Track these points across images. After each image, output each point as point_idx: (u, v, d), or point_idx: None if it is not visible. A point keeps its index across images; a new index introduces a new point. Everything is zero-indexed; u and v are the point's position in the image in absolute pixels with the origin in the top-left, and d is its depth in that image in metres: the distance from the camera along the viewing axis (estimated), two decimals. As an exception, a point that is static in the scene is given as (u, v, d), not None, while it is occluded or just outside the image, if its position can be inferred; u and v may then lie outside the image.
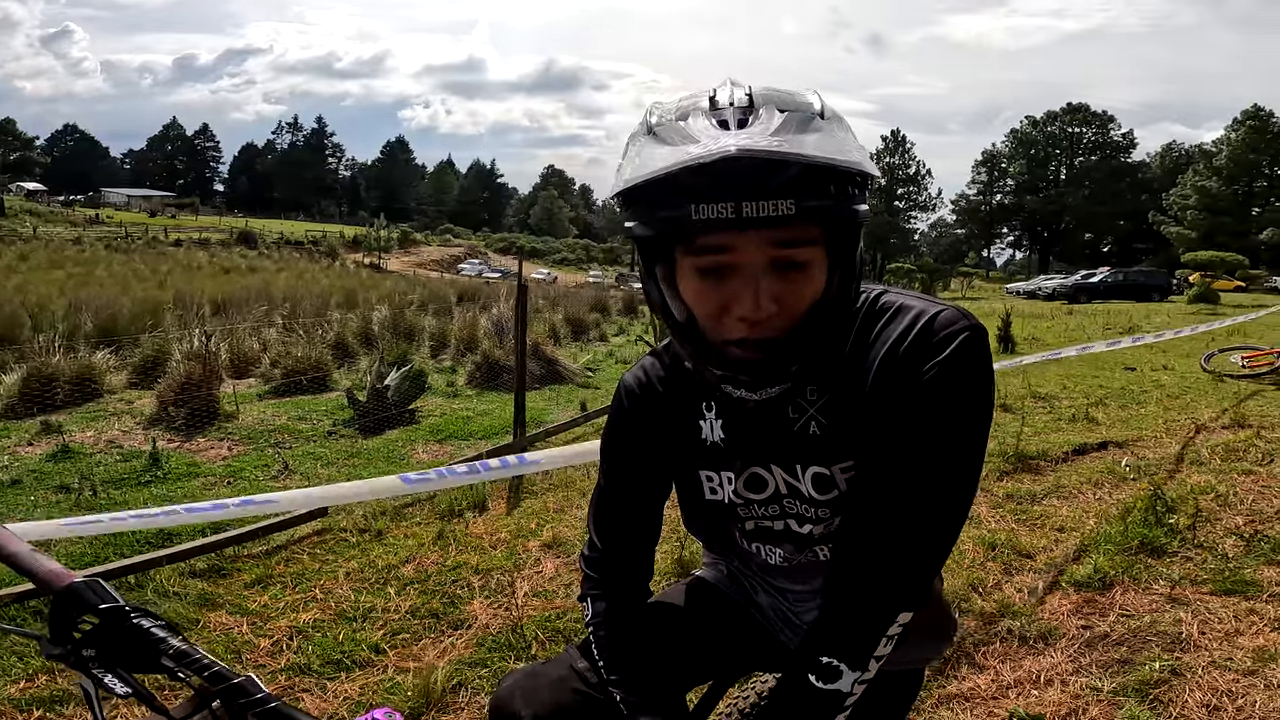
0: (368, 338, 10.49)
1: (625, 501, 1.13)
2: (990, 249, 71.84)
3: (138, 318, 10.81)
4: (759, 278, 0.82)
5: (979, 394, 0.88)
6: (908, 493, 0.87)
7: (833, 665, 0.85)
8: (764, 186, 0.76)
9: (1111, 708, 2.18)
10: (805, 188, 0.77)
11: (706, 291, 0.85)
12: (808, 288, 0.85)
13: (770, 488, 1.01)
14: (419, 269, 41.28)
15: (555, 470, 4.90)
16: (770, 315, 0.83)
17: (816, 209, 0.78)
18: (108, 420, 6.09)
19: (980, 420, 0.88)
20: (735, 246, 0.81)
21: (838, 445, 0.95)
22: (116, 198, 71.08)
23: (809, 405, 0.96)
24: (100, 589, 0.75)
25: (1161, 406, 6.18)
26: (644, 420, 1.09)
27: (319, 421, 6.31)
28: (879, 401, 0.90)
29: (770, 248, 0.81)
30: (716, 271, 0.84)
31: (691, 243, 0.83)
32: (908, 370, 0.88)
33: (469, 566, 3.30)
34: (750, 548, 1.08)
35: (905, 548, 0.87)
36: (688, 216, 0.78)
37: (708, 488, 1.06)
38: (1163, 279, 29.08)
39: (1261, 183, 47.95)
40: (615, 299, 21.39)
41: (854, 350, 0.93)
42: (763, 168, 0.76)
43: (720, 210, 0.77)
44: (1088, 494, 4.01)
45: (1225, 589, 2.83)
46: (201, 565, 3.32)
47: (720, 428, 1.03)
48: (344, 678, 2.48)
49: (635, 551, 1.15)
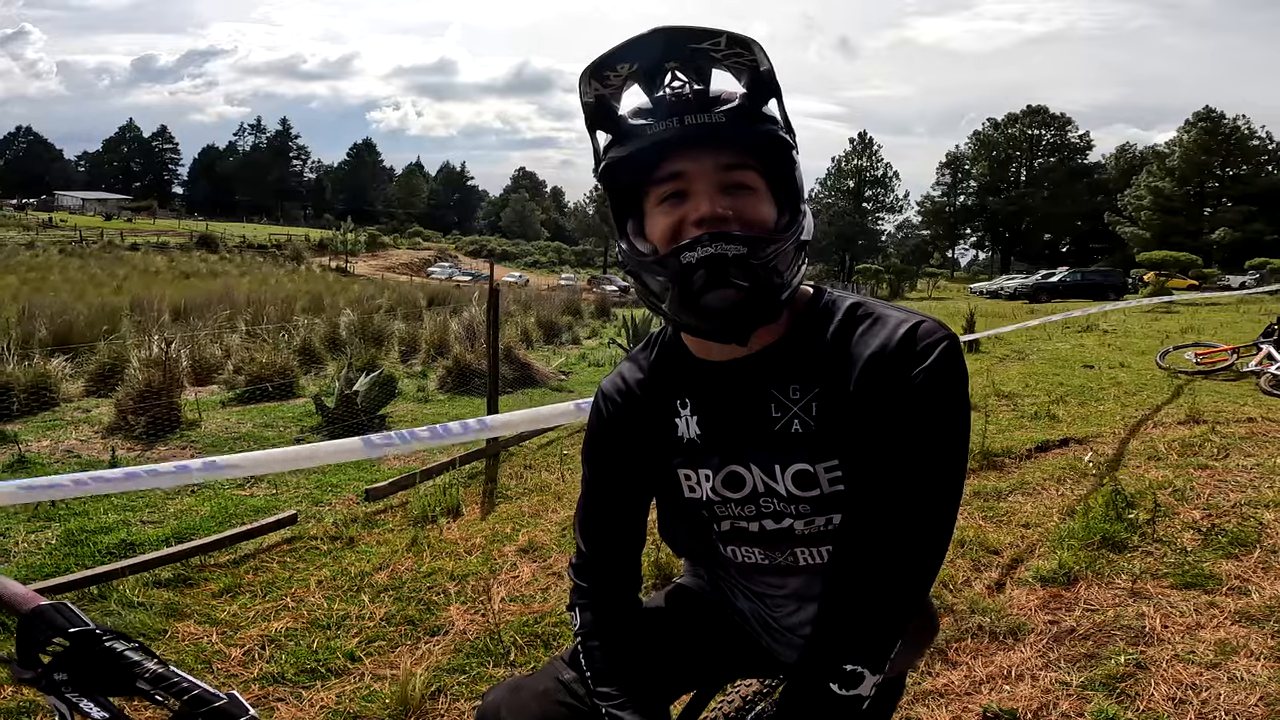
0: (335, 343, 10.33)
1: (608, 506, 1.14)
2: (954, 249, 73.13)
3: (94, 324, 10.50)
4: (712, 193, 0.91)
5: (962, 399, 0.93)
6: (908, 496, 0.90)
7: (856, 671, 0.88)
8: (699, 106, 0.89)
9: (1080, 702, 2.23)
10: (740, 109, 0.90)
11: (667, 215, 0.93)
12: (758, 206, 0.92)
13: (748, 486, 1.02)
14: (388, 272, 40.74)
15: (530, 474, 4.88)
16: (726, 217, 0.90)
17: (743, 121, 0.90)
18: (64, 429, 5.92)
19: (965, 423, 0.94)
20: (688, 172, 0.92)
21: (823, 443, 0.96)
22: (71, 201, 69.13)
23: (792, 404, 0.98)
24: (68, 612, 0.73)
25: (1119, 403, 6.36)
26: (622, 423, 1.10)
27: (286, 429, 6.20)
28: (865, 403, 0.93)
29: (718, 171, 0.91)
30: (676, 195, 0.93)
31: (653, 175, 0.93)
32: (894, 375, 0.91)
33: (444, 572, 3.28)
34: (726, 551, 1.08)
35: (911, 550, 0.91)
36: (645, 135, 0.90)
37: (685, 486, 1.06)
38: (1119, 278, 29.91)
39: (1213, 183, 49.47)
40: (588, 301, 21.36)
41: (835, 352, 0.96)
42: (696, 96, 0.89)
43: (668, 124, 0.89)
44: (1051, 490, 4.11)
45: (1185, 583, 2.91)
46: (166, 575, 3.25)
47: (696, 424, 1.04)
48: (319, 686, 2.44)
49: (621, 557, 1.15)
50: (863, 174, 67.51)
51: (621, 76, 0.91)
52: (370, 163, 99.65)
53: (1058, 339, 11.46)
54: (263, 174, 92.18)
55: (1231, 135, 48.84)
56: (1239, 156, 48.96)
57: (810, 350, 0.98)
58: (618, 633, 1.11)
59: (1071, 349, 10.00)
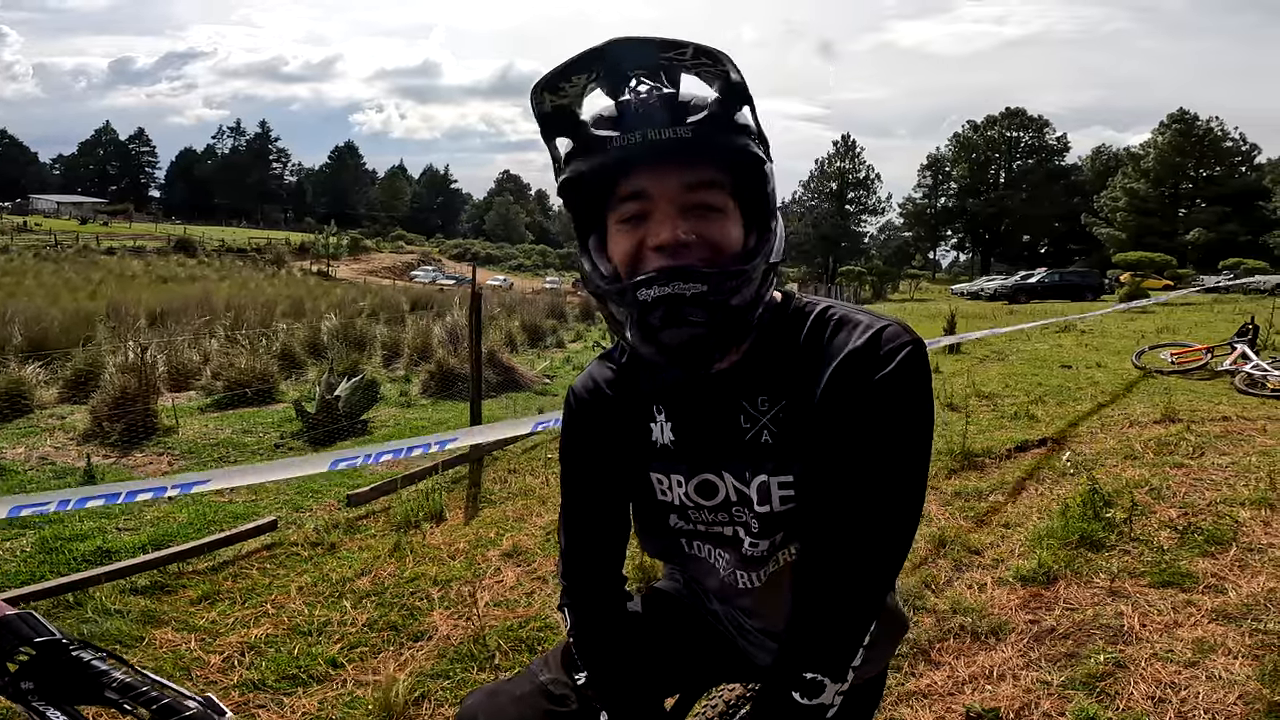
0: (316, 348, 10.23)
1: (587, 506, 1.13)
2: (935, 251, 73.78)
3: (69, 330, 10.34)
4: (674, 216, 0.86)
5: (924, 403, 0.91)
6: (867, 501, 0.89)
7: (816, 680, 0.87)
8: (665, 118, 0.84)
9: (1062, 701, 2.25)
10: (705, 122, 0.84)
11: (628, 236, 0.89)
12: (724, 229, 0.88)
13: (721, 494, 1.01)
14: (370, 276, 40.44)
15: (514, 479, 4.86)
16: (688, 244, 0.86)
17: (712, 134, 0.84)
18: (39, 436, 5.82)
19: (927, 426, 0.92)
20: (651, 192, 0.87)
21: (789, 454, 0.95)
22: (45, 204, 68.00)
23: (760, 415, 0.97)
24: (34, 621, 0.73)
25: (1096, 403, 6.44)
26: (594, 424, 1.09)
27: (265, 434, 6.14)
28: (828, 408, 0.91)
29: (683, 191, 0.86)
30: (638, 217, 0.88)
31: (615, 192, 0.89)
32: (857, 379, 0.90)
33: (427, 577, 3.25)
34: (701, 552, 1.08)
35: (870, 556, 0.89)
36: (607, 149, 0.85)
37: (659, 489, 1.06)
38: (1095, 279, 30.32)
39: (1187, 185, 50.20)
40: (573, 305, 21.32)
41: (803, 360, 0.95)
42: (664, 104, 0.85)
43: (630, 138, 0.84)
44: (1030, 490, 4.16)
45: (1163, 581, 2.94)
46: (143, 582, 3.20)
47: (670, 430, 1.03)
48: (301, 693, 2.42)
49: (602, 555, 1.14)
50: (845, 176, 67.87)
51: (579, 86, 0.86)
52: (352, 165, 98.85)
53: (1036, 339, 11.59)
54: (242, 177, 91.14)
55: (1205, 137, 49.63)
56: (1212, 158, 49.74)
57: (778, 359, 0.96)
58: (606, 632, 1.10)
59: (1050, 349, 10.12)
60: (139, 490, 2.59)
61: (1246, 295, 20.15)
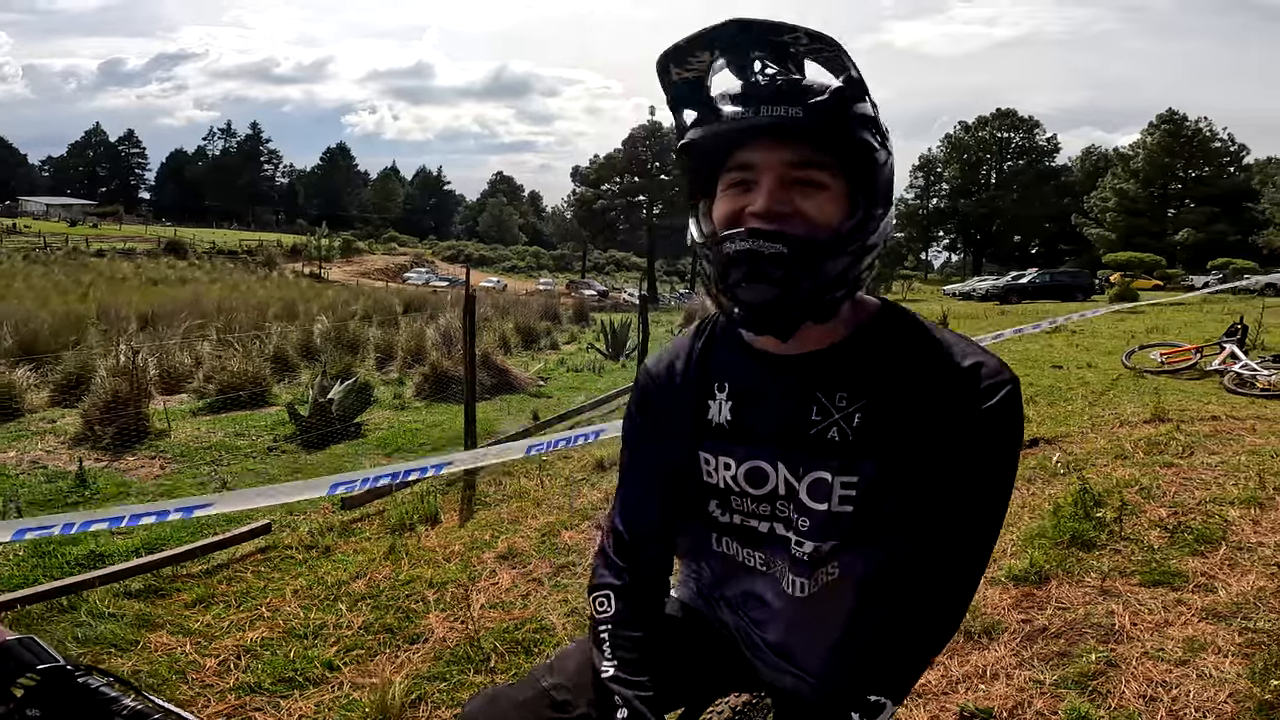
0: (309, 350, 10.21)
1: (645, 488, 1.11)
2: (927, 252, 74.06)
3: (59, 333, 10.28)
4: (778, 185, 0.89)
5: (1016, 444, 0.94)
6: (954, 529, 0.91)
7: (879, 702, 0.89)
8: (780, 97, 0.87)
9: (1054, 700, 2.26)
10: (819, 105, 0.86)
11: (731, 202, 0.93)
12: (821, 206, 0.90)
13: (770, 484, 1.00)
14: (363, 278, 40.30)
15: (509, 481, 4.86)
16: (783, 214, 0.89)
17: (824, 118, 0.86)
18: (30, 440, 5.79)
19: (1014, 468, 0.94)
20: (758, 164, 0.90)
21: (855, 456, 0.94)
22: (35, 207, 67.52)
23: (835, 410, 0.96)
24: (36, 647, 0.71)
25: (1087, 403, 6.48)
26: (658, 400, 1.10)
27: (258, 437, 6.12)
28: (915, 427, 0.92)
29: (788, 167, 0.89)
30: (743, 185, 0.92)
31: (726, 162, 0.93)
32: (958, 407, 0.91)
33: (423, 580, 3.25)
34: (729, 550, 1.06)
35: (952, 583, 0.92)
36: (722, 121, 0.89)
37: (705, 470, 1.04)
38: (1086, 279, 30.48)
39: (1176, 185, 50.53)
40: (566, 306, 21.32)
41: (896, 368, 0.95)
42: (783, 82, 0.88)
43: (745, 113, 0.88)
44: (1022, 489, 4.18)
45: (1153, 580, 2.96)
46: (137, 586, 3.20)
47: (729, 410, 1.02)
48: (298, 696, 2.41)
49: (655, 540, 1.11)
50: (838, 177, 67.99)
51: (706, 62, 0.90)
52: (344, 167, 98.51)
53: (1027, 339, 11.66)
54: (233, 179, 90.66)
55: (1194, 137, 49.98)
56: (1201, 158, 50.10)
57: (867, 361, 0.96)
58: (646, 622, 1.07)
59: (1041, 349, 10.19)
60: (142, 514, 2.60)
61: (1236, 295, 20.30)
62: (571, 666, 1.07)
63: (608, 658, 1.02)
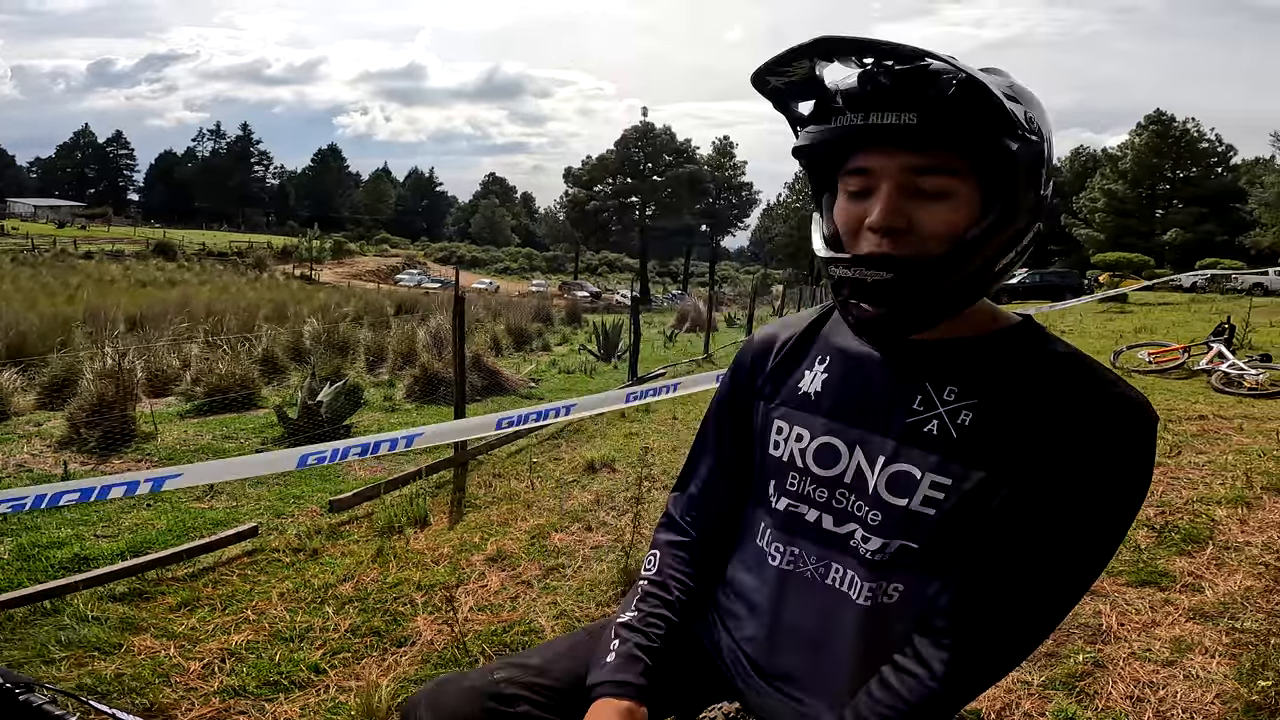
0: (299, 352, 10.15)
1: (720, 455, 1.10)
2: (919, 254, 74.37)
3: (46, 335, 10.18)
4: (895, 196, 0.85)
5: (1143, 488, 0.87)
6: (1060, 570, 0.85)
7: None
8: (895, 101, 0.81)
9: (1042, 701, 2.26)
10: (936, 106, 0.80)
11: (849, 208, 0.90)
12: (946, 218, 0.84)
13: (839, 467, 0.95)
14: (354, 280, 40.12)
15: (499, 483, 4.84)
16: (900, 231, 0.84)
17: (944, 120, 0.80)
18: (16, 443, 5.72)
19: (1133, 517, 0.88)
20: (875, 170, 0.86)
21: (953, 455, 0.88)
22: (22, 208, 67.04)
23: (941, 403, 0.90)
24: None
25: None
26: (755, 366, 1.09)
27: (246, 440, 6.08)
28: (1033, 443, 0.85)
29: (907, 174, 0.84)
30: (861, 193, 0.88)
31: (843, 165, 0.90)
32: (1092, 433, 0.84)
33: (411, 583, 3.23)
34: (763, 541, 1.02)
35: (1042, 621, 0.87)
36: (834, 124, 0.86)
37: (774, 439, 1.01)
38: (1075, 279, 30.70)
39: (1164, 185, 50.76)
40: (559, 308, 21.30)
41: (1018, 376, 0.89)
42: (895, 84, 0.82)
43: (854, 118, 0.84)
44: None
45: (1140, 580, 2.96)
46: (121, 589, 3.16)
47: (822, 382, 0.99)
48: (283, 699, 2.39)
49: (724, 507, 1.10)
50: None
51: (806, 67, 0.86)
52: (336, 168, 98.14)
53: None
54: (223, 180, 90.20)
55: (1182, 138, 50.24)
56: (1189, 159, 50.37)
57: (989, 362, 0.90)
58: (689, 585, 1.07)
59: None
60: (112, 484, 2.57)
61: (1224, 295, 20.44)
62: (536, 662, 1.04)
63: (630, 606, 1.05)
